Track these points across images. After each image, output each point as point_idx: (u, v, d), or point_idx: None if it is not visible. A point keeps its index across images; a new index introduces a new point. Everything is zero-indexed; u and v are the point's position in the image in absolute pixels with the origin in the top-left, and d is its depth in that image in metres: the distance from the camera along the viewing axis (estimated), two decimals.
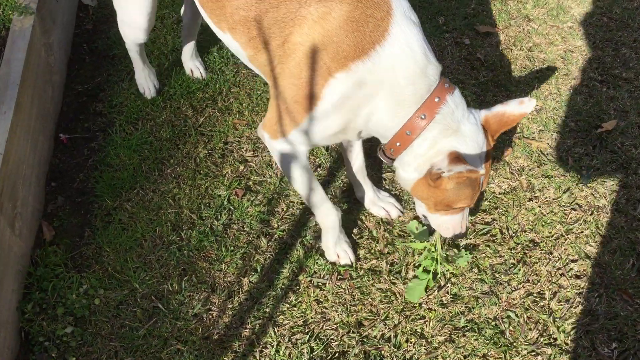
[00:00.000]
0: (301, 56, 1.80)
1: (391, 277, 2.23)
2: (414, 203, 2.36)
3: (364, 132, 1.99)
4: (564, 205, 2.43)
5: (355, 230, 2.35)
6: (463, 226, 2.12)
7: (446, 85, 1.85)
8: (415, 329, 2.10)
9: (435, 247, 2.21)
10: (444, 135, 1.85)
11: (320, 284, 2.21)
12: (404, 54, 1.77)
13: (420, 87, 1.81)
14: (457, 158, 1.81)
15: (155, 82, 2.79)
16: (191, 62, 2.86)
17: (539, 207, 2.42)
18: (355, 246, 2.30)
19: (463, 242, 2.31)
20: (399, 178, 2.04)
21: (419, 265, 2.23)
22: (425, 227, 2.21)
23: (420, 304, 2.16)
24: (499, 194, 2.47)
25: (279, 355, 2.03)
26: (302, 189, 2.08)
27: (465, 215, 2.10)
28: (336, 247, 2.21)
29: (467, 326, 2.11)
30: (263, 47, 1.89)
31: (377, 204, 2.38)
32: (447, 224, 2.08)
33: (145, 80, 2.77)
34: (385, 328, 2.11)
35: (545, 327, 2.10)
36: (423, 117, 1.83)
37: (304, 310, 2.14)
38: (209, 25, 2.15)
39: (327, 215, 2.15)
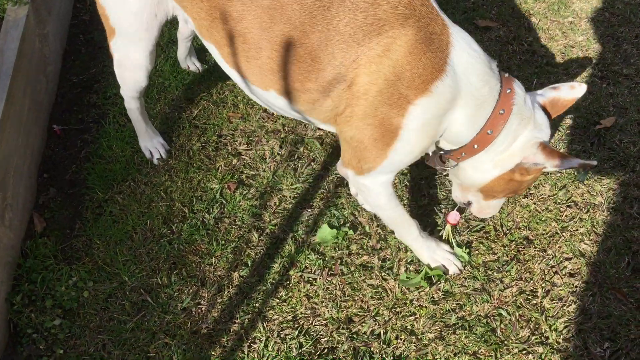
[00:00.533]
0: (374, 94, 1.73)
1: (382, 274, 2.21)
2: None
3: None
4: (559, 203, 2.40)
5: (347, 225, 2.32)
6: (498, 208, 2.16)
7: (506, 75, 1.85)
8: (406, 326, 2.08)
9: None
10: (523, 127, 1.83)
11: (311, 279, 2.19)
12: (472, 57, 1.76)
13: (493, 84, 1.80)
14: (553, 151, 1.81)
15: (164, 143, 2.54)
16: (187, 59, 2.82)
17: (534, 204, 2.40)
18: (348, 242, 2.28)
19: (459, 238, 2.29)
20: (466, 178, 1.99)
21: (411, 261, 2.21)
22: (417, 275, 2.17)
23: (411, 301, 2.14)
24: None
25: (268, 350, 2.02)
26: (390, 215, 2.08)
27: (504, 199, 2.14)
28: (435, 255, 2.18)
29: (457, 323, 2.09)
30: (324, 97, 1.81)
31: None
32: (491, 208, 2.11)
33: (152, 142, 2.51)
34: (376, 324, 2.09)
35: (537, 326, 2.08)
36: (502, 112, 1.80)
37: (294, 305, 2.13)
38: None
39: (414, 238, 2.15)
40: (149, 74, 2.23)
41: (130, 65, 2.19)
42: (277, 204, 2.40)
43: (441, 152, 1.98)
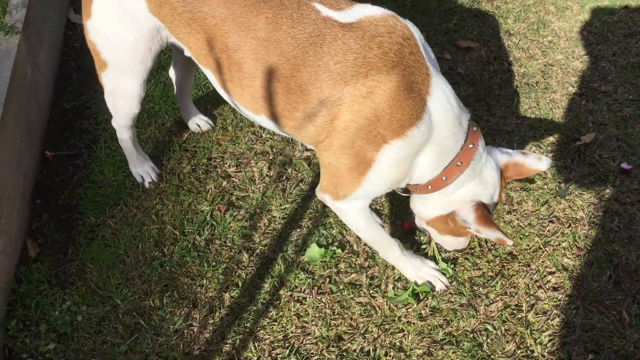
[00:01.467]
0: (354, 131, 1.81)
1: (371, 291, 2.26)
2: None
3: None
4: (542, 218, 2.46)
5: (335, 244, 2.38)
6: (465, 245, 2.25)
7: (474, 129, 1.94)
8: (394, 343, 2.13)
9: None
10: (471, 179, 1.95)
11: (300, 298, 2.24)
12: (445, 109, 1.84)
13: (459, 136, 1.90)
14: (484, 216, 1.92)
15: (154, 167, 2.58)
16: (194, 119, 2.75)
17: (517, 219, 2.46)
18: (337, 260, 2.33)
19: (443, 255, 2.34)
20: (413, 207, 2.15)
21: (398, 278, 2.27)
22: (405, 292, 2.22)
23: (399, 318, 2.19)
24: None
25: None
26: (370, 237, 2.17)
27: (467, 238, 2.23)
28: (421, 272, 2.24)
29: (445, 339, 2.13)
30: (309, 124, 1.88)
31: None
32: (453, 243, 2.22)
33: (142, 167, 2.55)
34: (365, 342, 2.13)
35: (522, 339, 2.13)
36: (460, 164, 1.91)
37: (284, 324, 2.17)
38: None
39: (397, 257, 2.22)
40: (141, 101, 2.28)
41: (123, 94, 2.23)
42: (267, 224, 2.45)
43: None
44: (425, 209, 2.09)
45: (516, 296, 2.24)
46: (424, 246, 2.38)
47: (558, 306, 2.21)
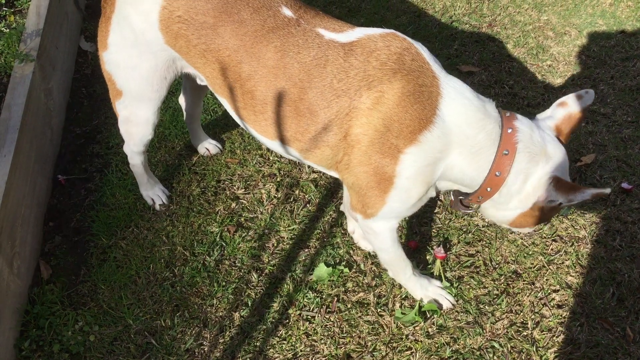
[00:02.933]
0: (367, 144, 1.83)
1: (379, 310, 2.29)
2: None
3: (445, 186, 2.00)
4: (545, 237, 2.51)
5: (343, 263, 2.42)
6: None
7: (507, 114, 1.88)
8: None
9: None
10: (534, 163, 1.85)
11: (309, 317, 2.27)
12: (464, 106, 1.82)
13: (489, 127, 1.84)
14: (566, 185, 1.82)
15: (164, 189, 2.65)
16: (203, 143, 2.82)
17: (521, 239, 2.50)
18: (344, 279, 2.37)
19: (447, 274, 2.38)
20: (491, 217, 2.05)
21: (405, 297, 2.30)
22: (412, 311, 2.25)
23: (407, 336, 2.22)
24: (482, 226, 2.55)
25: None
26: (390, 258, 2.18)
27: None
28: (428, 292, 2.26)
29: (452, 356, 2.16)
30: (324, 145, 1.92)
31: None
32: (529, 228, 2.09)
33: (153, 190, 2.61)
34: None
35: (528, 357, 2.16)
36: (506, 152, 1.83)
37: (293, 343, 2.20)
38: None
39: (408, 278, 2.24)
40: (155, 127, 2.33)
41: (138, 121, 2.29)
42: (275, 245, 2.49)
43: (460, 197, 2.05)
44: (501, 213, 1.98)
45: (521, 314, 2.28)
46: (429, 266, 2.42)
47: (563, 323, 2.24)
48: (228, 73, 1.96)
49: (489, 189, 1.89)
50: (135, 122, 2.29)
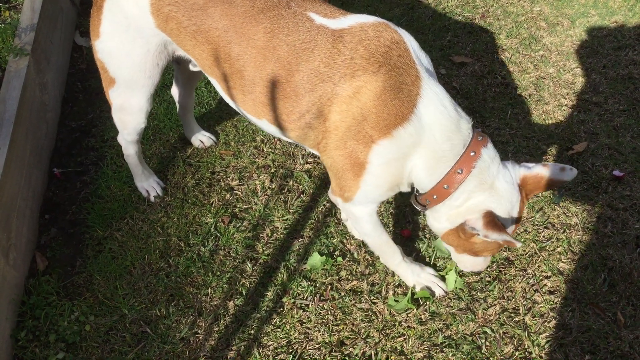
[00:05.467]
0: (343, 130, 1.87)
1: (372, 297, 2.31)
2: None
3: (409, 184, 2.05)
4: (537, 224, 2.53)
5: (337, 252, 2.44)
6: (483, 266, 2.20)
7: (480, 138, 1.91)
8: (396, 347, 2.18)
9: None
10: (480, 190, 1.90)
11: (303, 305, 2.29)
12: (439, 112, 1.84)
13: (456, 142, 1.88)
14: (492, 222, 1.85)
15: (159, 181, 2.68)
16: (197, 135, 2.84)
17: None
18: (338, 268, 2.39)
19: (439, 262, 2.40)
20: (430, 225, 2.12)
21: (398, 285, 2.32)
22: (404, 298, 2.28)
23: (400, 322, 2.24)
24: None
25: None
26: (375, 243, 2.21)
27: (488, 258, 2.18)
28: (420, 278, 2.29)
29: (445, 342, 2.18)
30: (306, 127, 1.96)
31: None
32: (469, 262, 2.17)
33: (148, 182, 2.64)
34: (367, 346, 2.18)
35: (520, 342, 2.18)
36: (460, 171, 1.88)
37: (287, 331, 2.22)
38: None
39: (397, 263, 2.27)
40: (148, 115, 2.36)
41: (131, 109, 2.31)
42: (269, 235, 2.51)
43: (416, 194, 2.09)
44: (436, 223, 2.05)
45: (513, 300, 2.30)
46: (422, 253, 2.44)
47: (554, 309, 2.26)
48: (218, 53, 1.98)
49: (435, 197, 1.95)
50: (129, 110, 2.31)
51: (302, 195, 2.65)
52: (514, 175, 1.94)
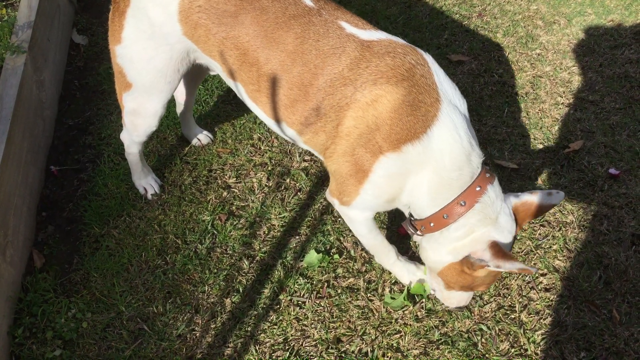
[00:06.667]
0: (355, 137, 1.88)
1: (368, 295, 2.32)
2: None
3: (402, 202, 2.03)
4: (533, 222, 2.54)
5: (333, 250, 2.45)
6: (468, 301, 2.19)
7: (487, 175, 1.91)
8: (392, 344, 2.19)
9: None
10: (483, 224, 1.90)
11: (300, 302, 2.30)
12: (453, 139, 1.84)
13: (464, 173, 1.87)
14: (501, 252, 1.85)
15: (157, 179, 2.67)
16: (195, 133, 2.85)
17: None
18: (334, 266, 2.40)
19: None
20: (424, 256, 2.09)
21: (395, 282, 2.33)
22: (400, 295, 2.28)
23: (396, 319, 2.25)
24: None
25: None
26: (370, 243, 2.22)
27: (472, 293, 2.16)
28: (415, 277, 2.29)
29: (441, 339, 2.19)
30: (320, 131, 1.97)
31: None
32: (455, 299, 2.15)
33: (146, 179, 2.64)
34: (363, 343, 2.19)
35: (516, 339, 2.19)
36: (463, 204, 1.88)
37: (284, 328, 2.23)
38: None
39: (392, 262, 2.28)
40: (160, 119, 2.35)
41: (145, 113, 2.30)
42: (266, 232, 2.52)
43: (411, 217, 2.09)
44: (434, 255, 2.02)
45: (509, 297, 2.31)
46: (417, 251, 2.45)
47: (550, 306, 2.27)
48: (246, 58, 2.00)
49: (432, 224, 1.95)
50: (143, 114, 2.31)
51: (299, 193, 2.66)
52: (509, 206, 1.96)
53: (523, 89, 3.15)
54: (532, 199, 1.96)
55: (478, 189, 1.88)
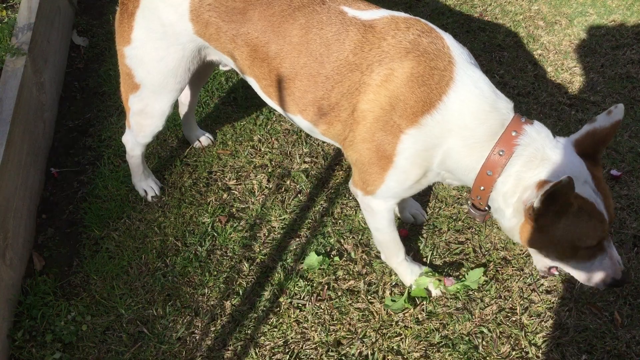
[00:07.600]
0: (371, 121, 1.87)
1: (369, 297, 2.31)
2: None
3: (444, 176, 1.96)
4: None
5: (333, 252, 2.44)
6: (617, 270, 1.83)
7: (522, 119, 1.80)
8: (392, 346, 2.18)
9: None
10: (529, 168, 1.75)
11: (300, 305, 2.29)
12: (473, 95, 1.77)
13: (492, 123, 1.78)
14: (546, 184, 1.66)
15: (157, 181, 2.66)
16: (196, 135, 2.84)
17: None
18: (335, 268, 2.39)
19: (437, 261, 2.40)
20: (503, 228, 1.93)
21: (395, 284, 2.32)
22: (401, 298, 2.26)
23: (396, 322, 2.24)
24: None
25: None
26: (385, 239, 2.20)
27: (613, 253, 1.83)
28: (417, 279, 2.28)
29: (441, 342, 2.18)
30: (335, 120, 1.97)
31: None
32: (592, 271, 1.85)
33: (146, 181, 2.63)
34: (363, 346, 2.18)
35: (517, 341, 2.18)
36: (501, 153, 1.77)
37: (284, 330, 2.22)
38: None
39: (399, 262, 2.27)
40: (167, 119, 2.35)
41: (153, 113, 2.31)
42: (266, 234, 2.51)
43: (468, 203, 2.02)
44: (505, 222, 1.85)
45: (510, 299, 2.30)
46: (420, 252, 2.44)
47: (551, 308, 2.26)
48: (257, 54, 2.01)
49: (482, 188, 1.83)
50: (150, 114, 2.31)
51: (299, 195, 2.65)
52: (567, 144, 1.79)
53: (525, 90, 3.14)
54: (593, 126, 1.79)
55: (513, 133, 1.76)
